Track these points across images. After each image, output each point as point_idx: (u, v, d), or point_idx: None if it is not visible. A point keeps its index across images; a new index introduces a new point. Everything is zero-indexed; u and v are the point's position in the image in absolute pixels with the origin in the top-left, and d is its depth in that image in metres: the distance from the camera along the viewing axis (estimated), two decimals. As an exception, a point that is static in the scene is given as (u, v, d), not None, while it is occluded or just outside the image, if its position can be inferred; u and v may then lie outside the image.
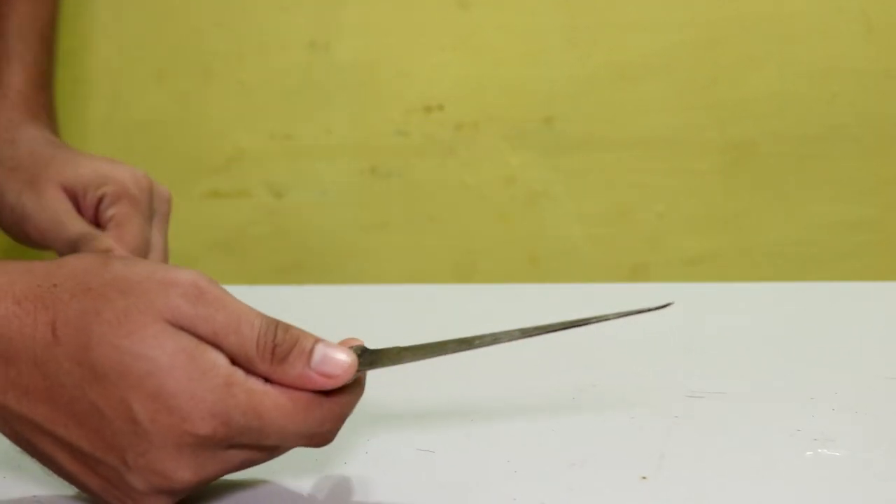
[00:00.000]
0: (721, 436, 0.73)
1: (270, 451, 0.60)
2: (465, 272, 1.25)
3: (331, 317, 0.90)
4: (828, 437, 0.73)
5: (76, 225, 0.77)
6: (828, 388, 0.79)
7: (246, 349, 0.57)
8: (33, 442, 0.57)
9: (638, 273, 1.24)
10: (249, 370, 0.57)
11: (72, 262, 0.57)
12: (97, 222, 0.79)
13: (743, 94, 1.20)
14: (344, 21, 1.22)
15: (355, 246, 1.25)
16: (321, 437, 0.60)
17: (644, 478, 0.69)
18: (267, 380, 0.58)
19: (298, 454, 0.72)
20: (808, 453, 0.72)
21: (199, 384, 0.55)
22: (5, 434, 0.59)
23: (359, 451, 0.72)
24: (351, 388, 0.61)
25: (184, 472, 0.57)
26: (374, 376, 0.81)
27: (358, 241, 1.25)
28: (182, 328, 0.56)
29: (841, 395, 0.78)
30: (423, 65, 1.21)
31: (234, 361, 0.57)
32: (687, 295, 0.95)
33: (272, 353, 0.57)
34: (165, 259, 0.81)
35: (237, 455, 0.58)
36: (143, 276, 0.57)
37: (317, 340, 0.59)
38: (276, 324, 0.58)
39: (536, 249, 1.24)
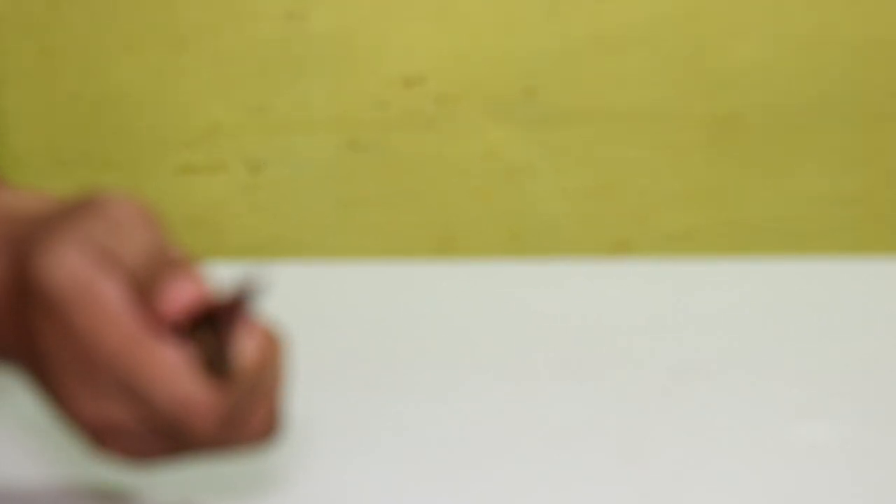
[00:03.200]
0: (706, 412, 0.74)
1: (163, 430, 0.54)
2: (445, 247, 1.26)
3: (309, 294, 0.90)
4: (814, 414, 0.74)
5: None
6: (814, 364, 0.79)
7: (126, 281, 0.53)
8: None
9: (621, 248, 1.25)
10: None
11: None
12: None
13: (729, 65, 1.21)
14: (321, -9, 1.22)
15: (333, 221, 1.26)
16: (192, 429, 0.53)
17: (629, 455, 0.70)
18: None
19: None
20: (794, 429, 0.73)
21: (79, 309, 0.53)
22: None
23: (337, 428, 0.73)
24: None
25: (78, 402, 0.54)
26: (349, 353, 0.81)
27: (336, 216, 1.26)
28: (83, 250, 0.54)
29: (827, 372, 0.79)
30: (402, 36, 1.22)
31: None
32: (671, 270, 0.95)
33: (141, 288, 0.53)
34: None
35: (127, 411, 0.54)
36: (79, 198, 0.56)
37: (177, 276, 0.53)
38: (160, 257, 0.54)
39: (518, 224, 1.25)
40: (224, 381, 0.52)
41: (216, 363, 0.52)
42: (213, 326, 0.52)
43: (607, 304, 0.88)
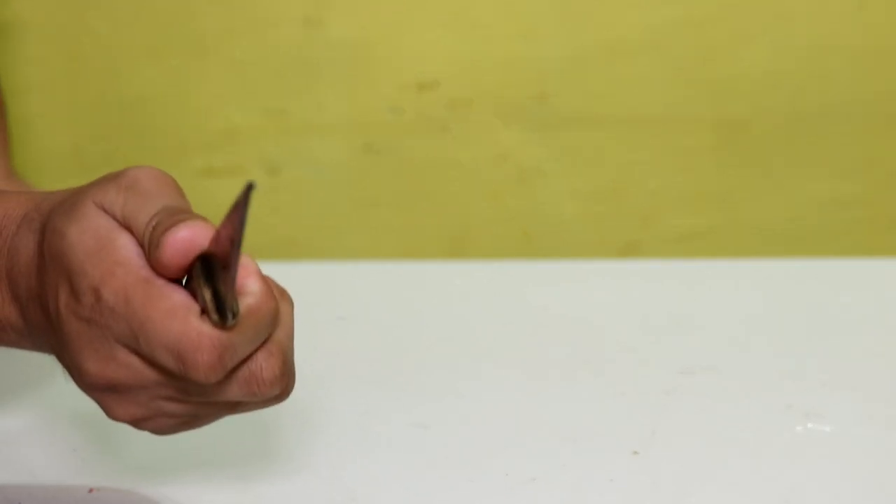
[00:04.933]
0: (712, 411, 0.74)
1: (168, 380, 0.55)
2: (458, 248, 1.25)
3: (324, 293, 0.90)
4: (818, 413, 0.73)
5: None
6: (818, 364, 0.79)
7: (141, 236, 0.55)
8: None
9: (630, 250, 1.24)
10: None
11: None
12: None
13: (735, 72, 1.20)
14: (337, -2, 1.21)
15: (349, 223, 1.25)
16: (193, 365, 0.53)
17: (636, 453, 0.70)
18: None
19: (289, 428, 0.73)
20: (799, 428, 0.72)
21: (92, 258, 0.54)
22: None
23: (352, 425, 0.72)
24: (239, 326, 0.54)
25: (85, 358, 0.55)
26: (364, 352, 0.81)
27: (352, 217, 1.25)
28: (105, 211, 0.55)
29: (831, 371, 0.78)
30: (417, 42, 1.21)
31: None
32: (679, 271, 0.95)
33: (150, 237, 0.54)
34: None
35: (131, 360, 0.55)
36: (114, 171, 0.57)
37: (183, 220, 0.53)
38: (172, 210, 0.54)
39: (529, 226, 1.24)
40: (226, 323, 0.53)
41: (218, 306, 0.53)
42: (214, 272, 0.53)
43: (617, 303, 0.88)
